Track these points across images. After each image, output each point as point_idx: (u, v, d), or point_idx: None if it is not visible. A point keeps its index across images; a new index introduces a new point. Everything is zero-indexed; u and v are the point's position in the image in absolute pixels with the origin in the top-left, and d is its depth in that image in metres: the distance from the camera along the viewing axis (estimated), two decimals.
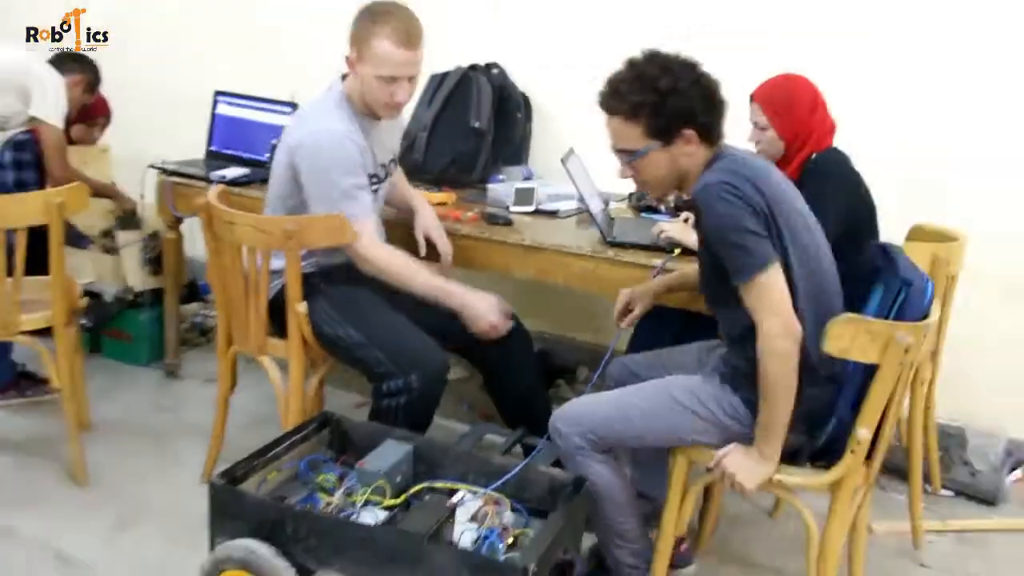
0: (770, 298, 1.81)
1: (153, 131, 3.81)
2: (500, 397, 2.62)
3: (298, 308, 2.32)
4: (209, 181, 2.99)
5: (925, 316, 1.88)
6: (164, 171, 3.18)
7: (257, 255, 2.33)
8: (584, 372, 3.50)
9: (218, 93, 3.42)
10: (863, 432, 1.86)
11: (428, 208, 2.64)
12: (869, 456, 1.96)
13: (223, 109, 3.40)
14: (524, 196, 2.89)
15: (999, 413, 3.00)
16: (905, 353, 1.77)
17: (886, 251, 2.01)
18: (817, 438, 1.96)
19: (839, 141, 2.42)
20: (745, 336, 1.88)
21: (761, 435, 1.89)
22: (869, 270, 2.03)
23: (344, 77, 2.39)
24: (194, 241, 3.55)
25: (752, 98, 2.40)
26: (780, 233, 1.85)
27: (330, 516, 1.84)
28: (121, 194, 3.53)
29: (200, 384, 3.36)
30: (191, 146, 3.41)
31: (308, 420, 2.18)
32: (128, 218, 3.52)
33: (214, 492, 1.84)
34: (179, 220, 3.22)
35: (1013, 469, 3.00)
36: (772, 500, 2.77)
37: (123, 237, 3.45)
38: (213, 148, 3.40)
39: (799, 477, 1.95)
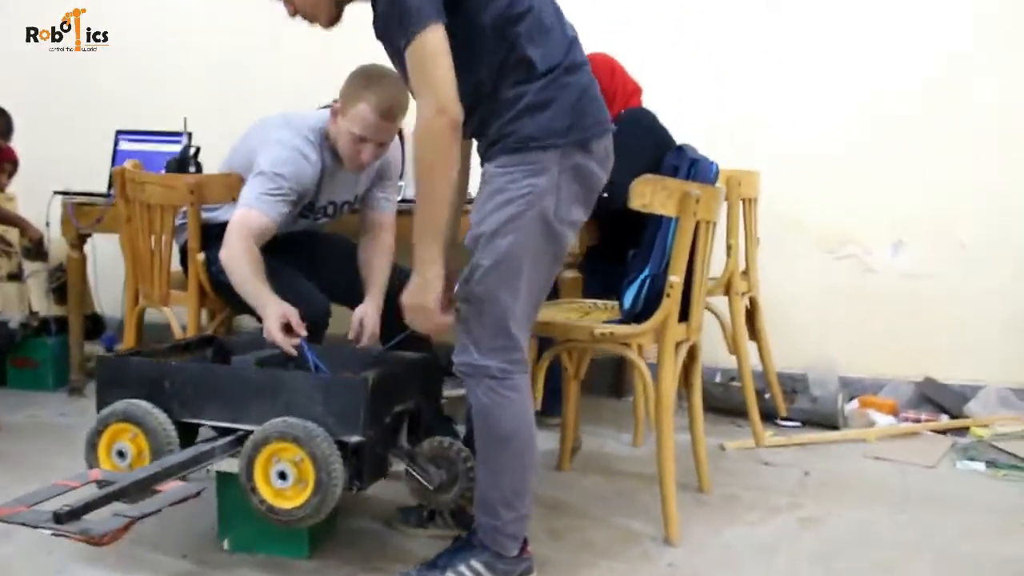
0: (430, 67, 1.61)
1: (58, 167, 3.95)
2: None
3: (198, 257, 2.60)
4: (108, 196, 3.27)
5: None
6: (68, 194, 3.44)
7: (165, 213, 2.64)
8: None
9: (119, 132, 3.74)
10: (674, 278, 2.19)
11: (379, 300, 2.65)
12: (686, 317, 2.29)
13: (124, 145, 3.71)
14: None
15: (830, 355, 3.46)
16: (696, 203, 2.14)
17: (679, 149, 2.43)
18: (637, 304, 2.28)
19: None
20: (490, 92, 1.73)
21: (418, 235, 1.70)
22: (671, 171, 2.42)
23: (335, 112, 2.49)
24: (96, 268, 3.75)
25: None
26: None
27: (201, 366, 2.06)
28: (29, 224, 3.73)
29: None
30: (95, 181, 3.65)
31: (192, 336, 2.42)
32: (35, 249, 3.72)
33: (100, 364, 2.04)
34: (83, 239, 3.47)
35: (849, 400, 3.34)
36: (631, 435, 3.06)
37: (30, 267, 3.66)
38: None
39: (628, 329, 2.25)
